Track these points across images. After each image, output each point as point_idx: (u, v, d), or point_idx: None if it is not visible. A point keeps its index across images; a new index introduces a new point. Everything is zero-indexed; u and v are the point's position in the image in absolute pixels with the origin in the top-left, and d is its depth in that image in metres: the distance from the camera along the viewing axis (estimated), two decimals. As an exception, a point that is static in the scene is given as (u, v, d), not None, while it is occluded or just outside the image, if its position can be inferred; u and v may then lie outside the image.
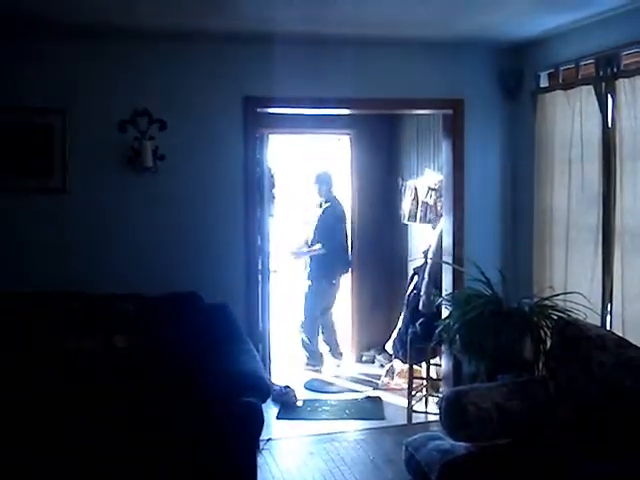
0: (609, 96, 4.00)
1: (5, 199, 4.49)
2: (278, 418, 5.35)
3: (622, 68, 3.92)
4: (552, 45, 4.57)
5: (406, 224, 6.53)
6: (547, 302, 4.17)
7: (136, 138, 4.59)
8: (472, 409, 3.24)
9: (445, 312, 4.81)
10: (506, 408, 3.29)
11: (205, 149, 4.73)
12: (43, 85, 4.49)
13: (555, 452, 3.02)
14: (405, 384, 5.53)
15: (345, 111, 5.52)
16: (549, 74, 4.67)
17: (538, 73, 4.71)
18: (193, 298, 4.39)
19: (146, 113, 4.60)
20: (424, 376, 5.56)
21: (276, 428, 5.13)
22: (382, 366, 6.52)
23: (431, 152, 6.13)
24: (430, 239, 5.76)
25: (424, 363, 5.56)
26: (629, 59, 3.93)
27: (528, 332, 4.05)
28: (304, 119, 6.08)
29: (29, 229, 4.52)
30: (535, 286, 4.60)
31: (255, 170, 4.91)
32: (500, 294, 4.27)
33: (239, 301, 4.74)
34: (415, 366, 5.53)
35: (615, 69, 3.94)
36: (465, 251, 5.01)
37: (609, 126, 4.02)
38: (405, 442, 3.47)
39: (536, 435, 3.19)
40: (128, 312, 4.20)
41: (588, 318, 3.83)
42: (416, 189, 6.19)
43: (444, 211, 5.30)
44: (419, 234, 6.37)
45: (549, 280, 4.50)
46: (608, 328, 3.98)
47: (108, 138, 4.60)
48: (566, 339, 3.42)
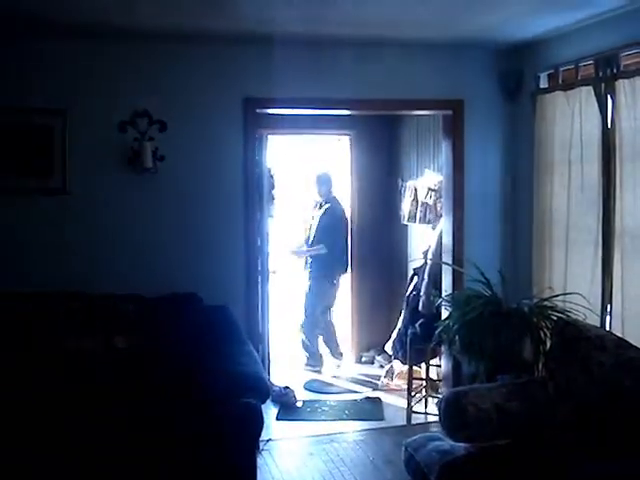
0: (609, 97, 4.00)
1: (5, 199, 4.50)
2: (278, 419, 5.35)
3: (622, 69, 3.92)
4: (552, 46, 4.57)
5: (406, 225, 6.53)
6: (547, 303, 4.17)
7: (136, 139, 4.60)
8: (472, 410, 3.24)
9: (445, 313, 4.81)
10: (506, 409, 3.29)
11: (205, 150, 4.73)
12: (43, 85, 4.49)
13: (555, 453, 3.02)
14: (405, 385, 5.53)
15: (345, 112, 5.52)
16: (549, 75, 4.67)
17: (538, 74, 4.71)
18: (193, 299, 4.41)
19: (146, 114, 4.60)
20: (424, 377, 5.56)
21: (276, 429, 5.13)
22: (382, 367, 6.51)
23: (431, 153, 6.13)
24: (430, 240, 5.76)
25: (424, 364, 5.56)
26: (629, 60, 3.93)
27: (528, 333, 4.05)
28: (304, 120, 6.07)
29: (29, 229, 4.52)
30: (535, 287, 4.60)
31: (255, 171, 4.92)
32: (500, 295, 4.28)
33: (239, 302, 4.74)
34: (415, 367, 5.53)
35: (615, 70, 3.94)
36: (465, 252, 5.02)
37: (609, 127, 4.03)
38: (405, 443, 3.48)
39: (536, 436, 3.19)
40: (128, 312, 4.21)
41: (587, 319, 3.83)
42: (416, 190, 6.19)
43: (444, 212, 5.30)
44: (419, 235, 6.37)
45: (549, 281, 4.51)
46: (607, 329, 3.98)
47: (108, 139, 4.60)
48: (566, 340, 3.42)
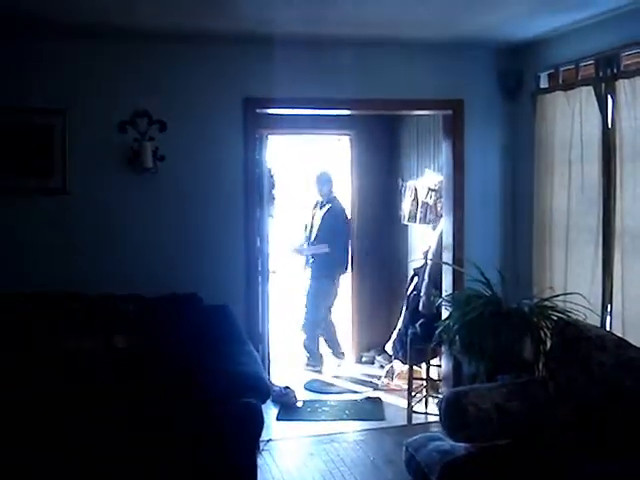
0: (609, 97, 4.00)
1: (5, 199, 4.49)
2: (278, 419, 5.35)
3: (622, 69, 3.92)
4: (552, 46, 4.57)
5: (406, 225, 6.53)
6: (547, 303, 4.16)
7: (136, 139, 4.59)
8: (472, 410, 3.24)
9: (445, 313, 4.81)
10: (506, 409, 3.29)
11: (205, 150, 4.73)
12: (43, 85, 4.49)
13: (555, 453, 3.02)
14: (405, 385, 5.53)
15: (345, 112, 5.52)
16: (549, 75, 4.67)
17: (538, 74, 4.71)
18: (193, 299, 4.41)
19: (146, 114, 4.60)
20: (424, 377, 5.55)
21: (276, 429, 5.13)
22: (382, 367, 6.51)
23: (431, 153, 6.13)
24: (430, 240, 5.76)
25: (424, 364, 5.56)
26: (629, 60, 3.93)
27: (528, 333, 4.05)
28: (304, 120, 6.06)
29: (29, 229, 4.52)
30: (535, 287, 4.59)
31: (255, 171, 4.92)
32: (500, 295, 4.27)
33: (239, 302, 4.74)
34: (415, 367, 5.53)
35: (615, 70, 3.94)
36: (465, 252, 5.01)
37: (609, 127, 4.02)
38: (405, 443, 3.48)
39: (536, 436, 3.19)
40: (128, 312, 4.21)
41: (588, 319, 3.83)
42: (416, 190, 6.19)
43: (444, 212, 5.30)
44: (419, 235, 6.37)
45: (549, 281, 4.50)
46: (608, 329, 3.98)
47: (108, 139, 4.60)
48: (566, 340, 3.42)
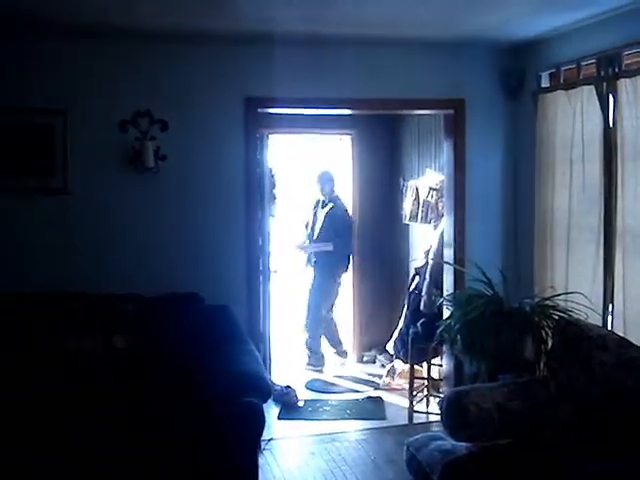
0: (610, 96, 3.99)
1: (6, 199, 4.49)
2: (279, 418, 5.34)
3: (623, 68, 3.92)
4: (553, 45, 4.56)
5: (407, 224, 6.53)
6: (548, 302, 4.16)
7: (137, 138, 4.59)
8: (473, 409, 3.23)
9: (446, 312, 4.80)
10: (507, 408, 3.28)
11: (206, 150, 4.73)
12: (43, 85, 4.49)
13: (556, 452, 3.01)
14: (406, 384, 5.53)
15: (346, 111, 5.51)
16: (550, 74, 4.66)
17: (539, 73, 4.70)
18: (194, 298, 4.41)
19: (147, 114, 4.60)
20: (425, 376, 5.54)
21: (277, 428, 5.12)
22: (383, 366, 6.51)
23: (432, 152, 6.12)
24: (431, 239, 5.76)
25: (425, 363, 5.55)
26: (630, 59, 3.92)
27: (529, 332, 4.04)
28: (305, 119, 6.06)
29: (30, 229, 4.52)
30: (536, 286, 4.59)
31: (256, 170, 4.92)
32: (501, 294, 4.27)
33: (240, 301, 4.74)
34: (416, 366, 5.53)
35: (616, 69, 3.94)
36: (466, 251, 5.01)
37: (610, 126, 4.02)
38: (406, 442, 3.47)
39: (537, 435, 3.19)
40: (128, 312, 4.21)
41: (589, 318, 3.82)
42: (417, 189, 6.19)
43: (445, 211, 5.30)
44: (420, 234, 6.37)
45: (550, 280, 4.50)
46: (609, 328, 3.98)
47: (109, 138, 4.60)
48: (567, 339, 3.41)
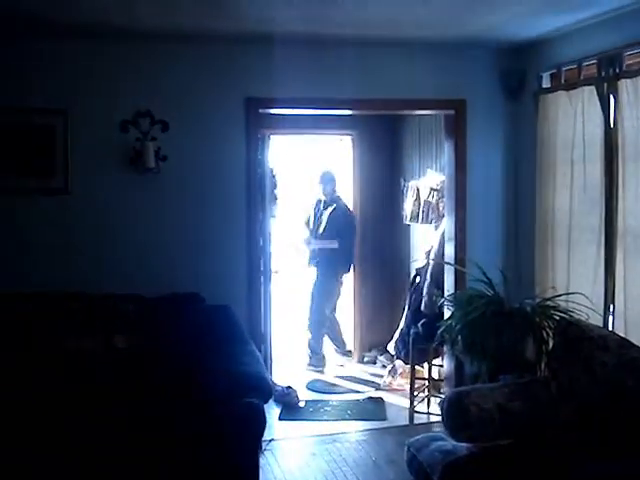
0: (611, 96, 3.99)
1: (6, 199, 4.49)
2: (280, 419, 5.34)
3: (624, 68, 3.91)
4: (554, 45, 4.56)
5: (408, 224, 6.52)
6: (549, 303, 4.16)
7: (138, 139, 4.59)
8: (474, 410, 3.23)
9: (447, 313, 4.79)
10: (508, 409, 3.28)
11: (207, 150, 4.73)
12: (43, 85, 4.49)
13: (557, 453, 3.01)
14: (407, 385, 5.52)
15: (347, 112, 5.51)
16: (551, 74, 4.65)
17: (540, 73, 4.70)
18: (195, 298, 4.41)
19: (148, 114, 4.60)
20: (426, 377, 5.55)
21: (278, 429, 5.12)
22: (384, 367, 6.50)
23: (433, 153, 6.12)
24: (432, 240, 5.75)
25: (426, 364, 5.55)
26: (631, 59, 3.92)
27: (530, 333, 4.04)
28: (306, 119, 6.06)
29: (30, 229, 4.52)
30: (537, 287, 4.59)
31: (257, 171, 4.91)
32: (502, 294, 4.26)
33: (241, 302, 4.74)
34: (417, 367, 5.52)
35: (617, 69, 3.93)
36: (467, 252, 5.00)
37: (611, 127, 4.01)
38: (407, 443, 3.47)
39: (538, 436, 3.18)
40: (128, 312, 4.20)
41: (590, 319, 3.82)
42: (418, 190, 6.18)
43: (446, 212, 5.29)
44: (421, 235, 6.37)
45: (551, 281, 4.50)
46: (610, 329, 3.97)
47: (110, 139, 4.59)
48: (568, 340, 3.41)
